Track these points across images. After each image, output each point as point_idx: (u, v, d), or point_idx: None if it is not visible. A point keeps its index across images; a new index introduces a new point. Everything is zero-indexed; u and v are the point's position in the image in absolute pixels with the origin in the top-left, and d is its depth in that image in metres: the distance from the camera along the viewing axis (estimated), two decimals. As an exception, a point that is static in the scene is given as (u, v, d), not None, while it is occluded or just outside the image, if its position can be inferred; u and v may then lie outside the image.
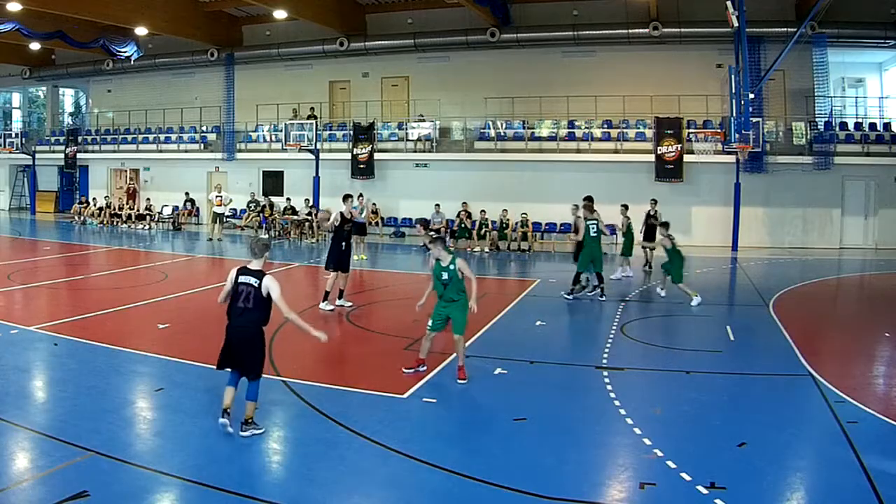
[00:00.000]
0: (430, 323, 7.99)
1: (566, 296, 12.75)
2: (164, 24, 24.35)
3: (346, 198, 12.03)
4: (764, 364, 8.75)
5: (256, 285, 6.01)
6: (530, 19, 23.84)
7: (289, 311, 6.12)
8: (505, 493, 5.16)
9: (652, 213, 16.64)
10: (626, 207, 15.84)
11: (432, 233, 11.69)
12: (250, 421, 6.07)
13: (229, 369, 6.18)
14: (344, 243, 11.48)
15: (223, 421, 6.00)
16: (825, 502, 5.19)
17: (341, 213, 11.56)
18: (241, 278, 6.09)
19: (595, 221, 12.74)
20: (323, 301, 11.45)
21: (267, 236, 5.69)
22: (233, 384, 6.16)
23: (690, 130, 21.50)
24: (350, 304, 11.72)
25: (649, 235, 16.45)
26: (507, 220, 21.53)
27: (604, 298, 12.70)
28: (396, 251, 21.30)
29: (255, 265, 6.16)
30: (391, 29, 25.31)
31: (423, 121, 24.47)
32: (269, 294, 6.03)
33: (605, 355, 8.94)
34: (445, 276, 7.79)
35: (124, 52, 26.17)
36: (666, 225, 13.33)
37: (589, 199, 13.26)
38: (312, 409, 6.81)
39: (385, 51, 25.59)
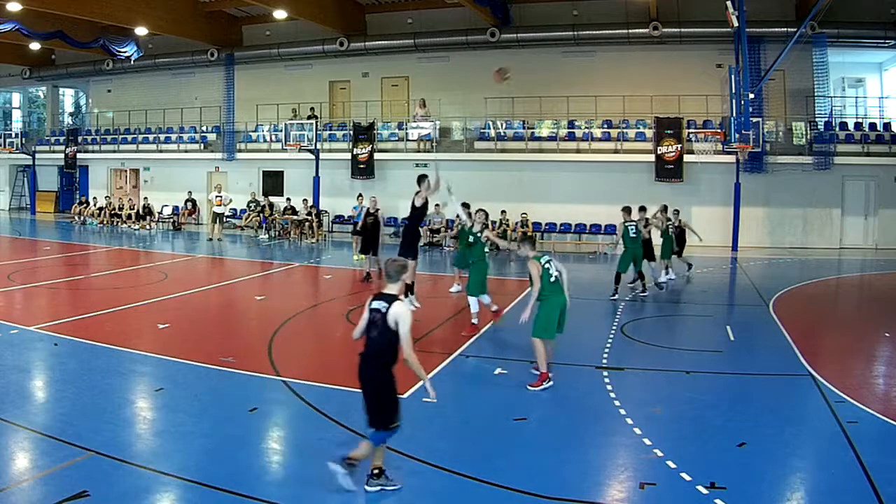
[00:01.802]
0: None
1: (612, 297, 12.93)
2: (164, 24, 24.34)
3: (422, 179, 11.88)
4: (764, 364, 8.75)
5: (384, 311, 5.04)
6: (530, 19, 23.84)
7: (410, 351, 5.05)
8: (505, 493, 5.16)
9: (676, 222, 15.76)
10: (665, 208, 15.22)
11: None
12: (377, 472, 5.06)
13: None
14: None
15: (334, 468, 5.06)
16: (825, 502, 5.19)
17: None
18: (374, 303, 5.16)
19: (634, 223, 13.29)
20: (407, 296, 10.81)
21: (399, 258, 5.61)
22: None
23: (690, 130, 21.48)
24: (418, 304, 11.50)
25: (679, 243, 15.85)
26: (507, 220, 21.51)
27: (646, 294, 13.27)
28: (396, 251, 21.25)
29: (389, 289, 5.23)
30: (391, 29, 25.31)
31: (424, 107, 24.26)
32: (396, 324, 5.01)
33: (605, 355, 8.95)
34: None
35: (124, 52, 26.16)
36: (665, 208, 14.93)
37: (642, 209, 13.95)
38: (312, 409, 6.81)
39: (385, 51, 25.58)
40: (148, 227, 25.88)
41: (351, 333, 5.50)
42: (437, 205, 22.45)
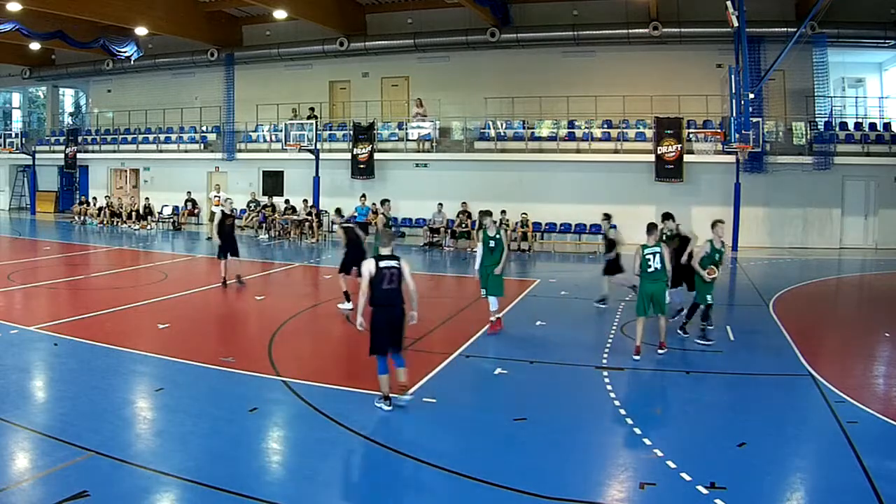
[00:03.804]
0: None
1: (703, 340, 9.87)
2: (164, 24, 24.34)
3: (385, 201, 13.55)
4: (764, 364, 8.75)
5: (399, 266, 6.80)
6: (530, 19, 23.84)
7: (413, 285, 6.91)
8: (505, 493, 5.16)
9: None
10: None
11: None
12: (406, 387, 6.80)
13: (381, 355, 6.69)
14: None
15: (388, 408, 6.64)
16: (825, 502, 5.19)
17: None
18: (383, 263, 6.76)
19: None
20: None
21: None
22: (387, 371, 6.72)
23: (690, 130, 21.48)
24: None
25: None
26: (507, 220, 21.49)
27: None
28: (395, 251, 21.27)
29: (388, 251, 6.90)
30: (391, 29, 25.31)
31: (421, 106, 24.27)
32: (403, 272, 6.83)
33: (605, 355, 8.94)
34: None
35: (124, 52, 26.15)
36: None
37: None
38: (312, 409, 6.82)
39: (385, 51, 25.58)
40: (148, 227, 25.88)
41: (352, 334, 5.51)
42: (439, 204, 22.48)
